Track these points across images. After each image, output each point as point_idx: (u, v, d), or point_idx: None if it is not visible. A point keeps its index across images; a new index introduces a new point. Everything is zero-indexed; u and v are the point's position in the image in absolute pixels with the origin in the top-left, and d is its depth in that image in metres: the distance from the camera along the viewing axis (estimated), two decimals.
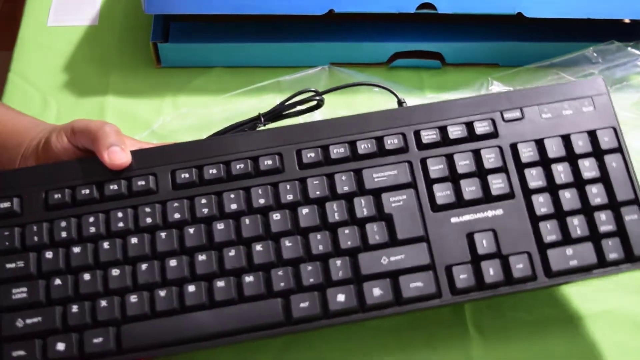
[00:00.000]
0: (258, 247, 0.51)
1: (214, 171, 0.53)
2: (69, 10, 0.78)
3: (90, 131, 0.53)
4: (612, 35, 0.72)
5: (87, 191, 0.52)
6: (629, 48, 0.71)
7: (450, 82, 0.73)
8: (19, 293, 0.50)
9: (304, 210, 0.52)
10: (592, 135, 0.54)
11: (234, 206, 0.52)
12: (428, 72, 0.74)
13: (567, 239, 0.51)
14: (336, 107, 0.68)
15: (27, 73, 0.73)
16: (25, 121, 0.60)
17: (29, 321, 0.49)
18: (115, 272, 0.50)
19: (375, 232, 0.51)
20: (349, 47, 0.72)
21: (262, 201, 0.52)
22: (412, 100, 0.69)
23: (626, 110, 0.69)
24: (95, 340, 0.49)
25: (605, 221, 0.51)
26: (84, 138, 0.54)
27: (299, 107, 0.60)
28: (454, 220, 0.52)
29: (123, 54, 0.74)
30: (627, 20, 0.74)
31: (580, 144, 0.53)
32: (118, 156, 0.52)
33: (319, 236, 0.51)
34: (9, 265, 0.50)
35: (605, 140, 0.53)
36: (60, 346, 0.49)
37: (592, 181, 0.53)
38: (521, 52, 0.72)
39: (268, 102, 0.69)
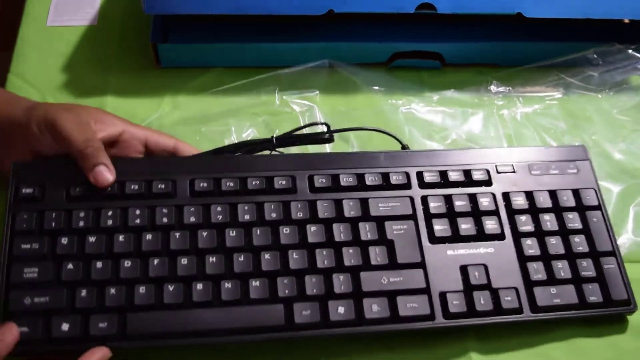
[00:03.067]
0: (266, 256, 0.54)
1: (231, 184, 0.56)
2: (69, 10, 0.78)
3: (72, 146, 0.54)
4: (612, 37, 0.73)
5: (108, 187, 0.55)
6: (630, 50, 0.72)
7: (450, 82, 0.73)
8: (30, 272, 0.51)
9: (312, 228, 0.55)
10: (575, 193, 0.60)
11: (247, 217, 0.55)
12: (428, 72, 0.74)
13: (552, 279, 0.55)
14: (336, 106, 0.70)
15: (26, 73, 0.71)
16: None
17: (36, 299, 0.50)
18: (127, 263, 0.52)
19: (377, 254, 0.55)
20: (349, 47, 0.72)
21: (273, 215, 0.55)
22: (412, 100, 0.71)
23: (626, 113, 0.71)
24: (100, 325, 0.50)
25: (586, 267, 0.56)
26: (65, 146, 0.54)
27: (311, 137, 0.63)
28: (449, 252, 0.56)
29: (122, 54, 0.74)
30: (626, 21, 0.74)
31: (565, 199, 0.59)
32: (103, 177, 0.54)
33: (324, 252, 0.54)
34: (24, 246, 0.52)
35: (587, 198, 0.59)
36: (65, 326, 0.49)
37: (575, 232, 0.58)
38: (521, 52, 0.73)
39: (267, 96, 0.70)
